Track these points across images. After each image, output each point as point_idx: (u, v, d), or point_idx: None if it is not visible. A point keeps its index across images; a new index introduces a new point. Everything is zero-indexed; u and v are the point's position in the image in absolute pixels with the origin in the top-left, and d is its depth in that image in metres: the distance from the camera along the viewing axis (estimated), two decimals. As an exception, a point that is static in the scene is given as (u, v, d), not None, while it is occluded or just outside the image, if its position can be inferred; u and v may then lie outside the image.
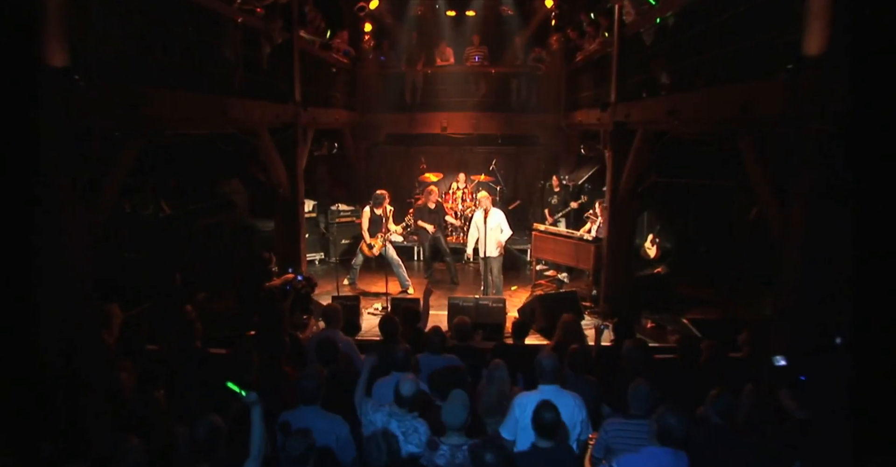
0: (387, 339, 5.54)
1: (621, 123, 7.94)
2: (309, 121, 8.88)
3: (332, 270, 11.26)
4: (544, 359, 4.39)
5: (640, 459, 3.64)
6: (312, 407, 4.03)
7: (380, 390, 4.72)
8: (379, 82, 12.66)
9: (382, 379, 4.77)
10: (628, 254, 8.61)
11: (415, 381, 4.14)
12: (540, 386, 4.39)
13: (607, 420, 4.25)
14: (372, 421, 4.09)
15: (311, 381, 4.04)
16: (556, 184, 11.18)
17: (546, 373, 4.38)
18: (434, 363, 5.07)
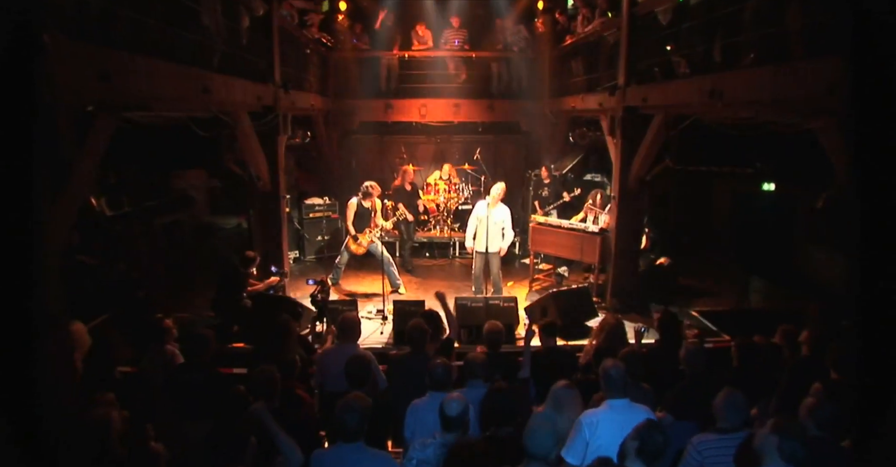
0: (415, 350, 4.84)
1: (633, 108, 7.42)
2: (289, 105, 8.03)
3: (308, 270, 10.48)
4: (612, 369, 3.80)
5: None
6: (355, 445, 3.31)
7: (415, 415, 4.04)
8: (353, 66, 11.81)
9: (417, 403, 4.10)
10: (637, 246, 8.15)
11: (462, 399, 3.50)
12: (608, 402, 3.80)
13: (697, 436, 3.69)
14: (425, 459, 3.40)
15: (354, 414, 3.31)
16: (546, 176, 10.64)
17: (616, 385, 3.79)
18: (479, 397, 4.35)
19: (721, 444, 3.60)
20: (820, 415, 3.51)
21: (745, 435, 3.61)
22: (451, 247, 11.09)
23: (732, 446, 3.59)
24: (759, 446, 3.23)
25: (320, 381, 4.91)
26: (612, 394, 3.79)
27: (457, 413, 3.40)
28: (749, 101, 5.01)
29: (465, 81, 12.04)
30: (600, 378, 3.88)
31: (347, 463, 3.29)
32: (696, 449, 3.62)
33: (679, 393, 4.42)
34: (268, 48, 7.36)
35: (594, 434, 3.71)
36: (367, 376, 4.18)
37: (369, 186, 8.72)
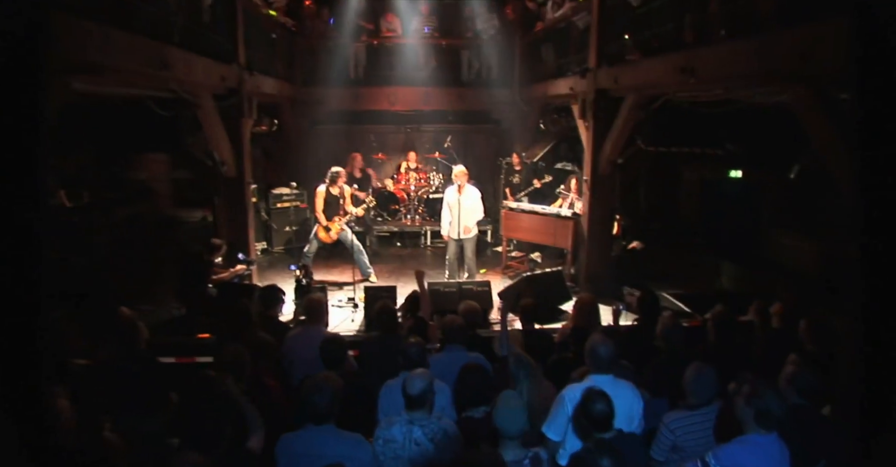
0: (386, 332, 4.70)
1: (604, 90, 7.38)
2: (253, 89, 7.80)
3: (276, 261, 10.25)
4: (599, 346, 3.72)
5: (745, 450, 3.06)
6: (326, 427, 3.17)
7: (389, 397, 3.92)
8: (320, 54, 11.58)
9: (390, 384, 3.97)
10: (610, 230, 8.12)
11: (424, 376, 3.38)
12: (592, 377, 3.73)
13: (667, 415, 3.65)
14: (390, 437, 3.28)
15: (324, 395, 3.16)
16: (518, 163, 10.57)
17: (602, 362, 3.72)
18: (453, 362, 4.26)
19: (693, 420, 3.56)
20: (800, 383, 3.49)
21: (717, 407, 3.58)
22: (422, 236, 10.96)
23: (704, 421, 3.56)
24: (740, 413, 3.19)
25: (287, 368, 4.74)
26: (596, 370, 3.72)
27: (419, 391, 3.26)
28: (721, 77, 4.98)
29: (435, 69, 11.90)
30: (586, 354, 3.80)
31: (317, 446, 3.14)
32: (668, 428, 3.57)
33: (656, 369, 4.39)
34: (231, 28, 7.12)
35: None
36: (342, 357, 4.04)
37: (336, 172, 8.53)
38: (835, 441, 3.42)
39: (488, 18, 11.76)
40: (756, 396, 3.09)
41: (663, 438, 3.61)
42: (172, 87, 5.69)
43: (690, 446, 3.51)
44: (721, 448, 3.14)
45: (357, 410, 3.91)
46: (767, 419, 3.06)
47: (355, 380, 4.03)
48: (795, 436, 3.19)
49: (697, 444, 3.46)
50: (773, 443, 3.07)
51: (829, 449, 3.39)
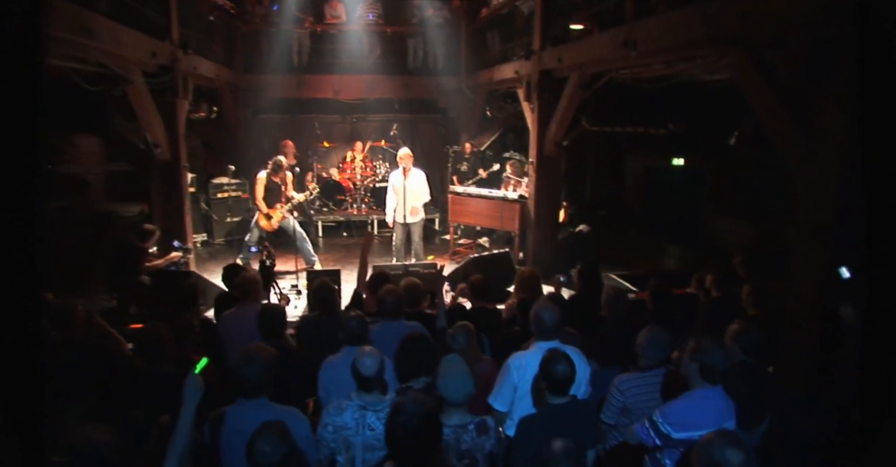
0: (326, 310, 4.53)
1: (549, 71, 7.39)
2: (189, 69, 7.48)
3: (218, 253, 9.90)
4: (544, 312, 3.66)
5: (691, 405, 3.04)
6: (258, 401, 2.96)
7: (330, 373, 3.75)
8: (262, 40, 11.25)
9: (331, 360, 3.81)
10: (556, 212, 8.14)
11: (375, 354, 3.21)
12: (537, 344, 3.66)
13: (618, 377, 3.61)
14: (342, 424, 3.06)
15: (255, 367, 2.94)
16: (468, 151, 10.53)
17: (547, 328, 3.65)
18: (392, 332, 4.13)
19: (643, 382, 3.54)
20: (744, 340, 3.51)
21: (665, 371, 3.57)
22: (368, 225, 10.78)
23: (653, 382, 3.54)
24: (685, 369, 3.18)
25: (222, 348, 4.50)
26: (542, 337, 3.65)
27: (373, 372, 3.06)
28: (663, 48, 5.01)
29: (381, 57, 11.74)
30: (531, 321, 3.73)
31: (249, 421, 2.84)
32: (617, 390, 3.55)
33: (602, 339, 4.36)
34: (164, 2, 6.79)
35: (523, 377, 3.57)
36: (281, 328, 3.85)
37: (280, 163, 8.28)
38: (779, 398, 3.45)
39: (434, 6, 11.66)
40: (700, 351, 3.08)
41: (613, 400, 3.58)
42: (97, 59, 5.36)
43: (640, 408, 3.48)
44: (667, 405, 3.12)
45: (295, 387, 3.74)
46: (711, 373, 3.05)
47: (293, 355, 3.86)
48: (740, 392, 3.19)
49: (647, 406, 3.43)
50: (718, 397, 3.06)
51: (774, 406, 3.42)
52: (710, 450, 2.44)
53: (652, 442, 3.12)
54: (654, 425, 3.08)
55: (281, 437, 2.44)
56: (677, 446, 3.05)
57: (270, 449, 2.39)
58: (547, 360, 3.12)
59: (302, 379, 3.85)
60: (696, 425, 2.93)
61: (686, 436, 2.96)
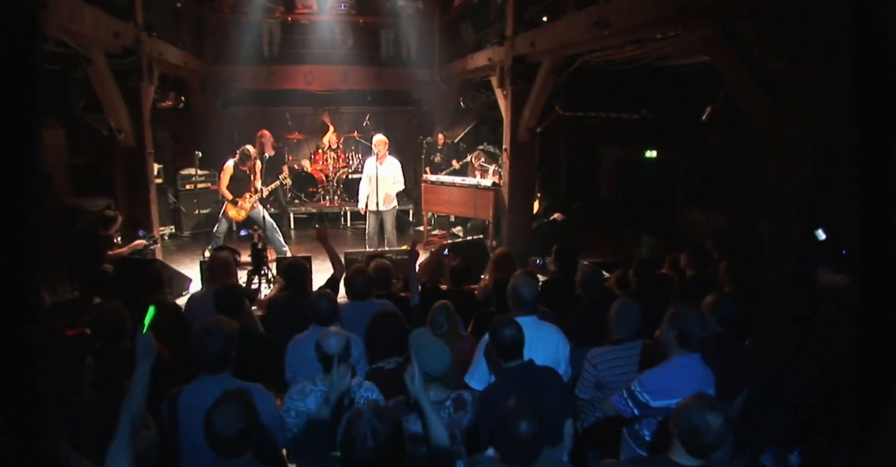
0: (295, 289, 4.40)
1: (522, 57, 7.33)
2: (154, 54, 7.26)
3: (186, 245, 9.66)
4: (521, 286, 3.59)
5: (669, 373, 2.99)
6: (220, 376, 2.81)
7: (297, 352, 3.63)
8: (231, 30, 11.02)
9: (298, 338, 3.69)
10: (530, 199, 8.09)
11: (341, 333, 3.08)
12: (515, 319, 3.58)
13: (591, 351, 3.55)
14: (306, 410, 2.89)
15: (216, 340, 2.81)
16: (441, 142, 10.44)
17: (525, 303, 3.58)
18: (362, 311, 4.02)
19: (615, 355, 3.49)
20: (720, 311, 3.47)
21: (640, 344, 3.51)
22: (341, 217, 10.63)
23: (627, 356, 3.49)
24: (662, 337, 3.12)
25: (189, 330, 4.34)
26: (520, 312, 3.57)
27: (338, 349, 2.89)
28: (635, 26, 4.98)
29: (353, 48, 11.60)
30: (508, 296, 3.66)
31: (209, 397, 2.66)
32: (590, 363, 3.49)
33: (577, 318, 4.30)
34: (126, -17, 6.59)
35: (499, 355, 3.48)
36: (237, 305, 3.70)
37: (247, 153, 8.07)
38: (757, 371, 3.41)
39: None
40: (677, 317, 3.03)
41: (586, 374, 3.52)
42: (56, 36, 5.14)
43: (614, 382, 3.43)
44: (645, 373, 3.07)
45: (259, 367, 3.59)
46: (689, 339, 3.00)
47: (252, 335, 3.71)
48: (717, 364, 3.14)
49: (621, 380, 3.37)
50: (695, 364, 3.02)
51: (752, 378, 3.38)
52: (688, 415, 2.38)
53: (630, 412, 3.06)
54: (632, 394, 3.02)
55: (242, 408, 2.28)
56: (656, 415, 3.00)
57: (230, 421, 2.22)
58: (494, 326, 3.06)
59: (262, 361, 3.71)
60: (674, 393, 2.87)
61: (664, 404, 2.91)
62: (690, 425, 2.36)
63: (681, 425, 2.40)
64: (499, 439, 2.28)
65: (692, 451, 2.41)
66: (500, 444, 2.27)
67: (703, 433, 2.34)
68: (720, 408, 2.39)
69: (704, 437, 2.34)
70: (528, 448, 2.23)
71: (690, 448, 2.40)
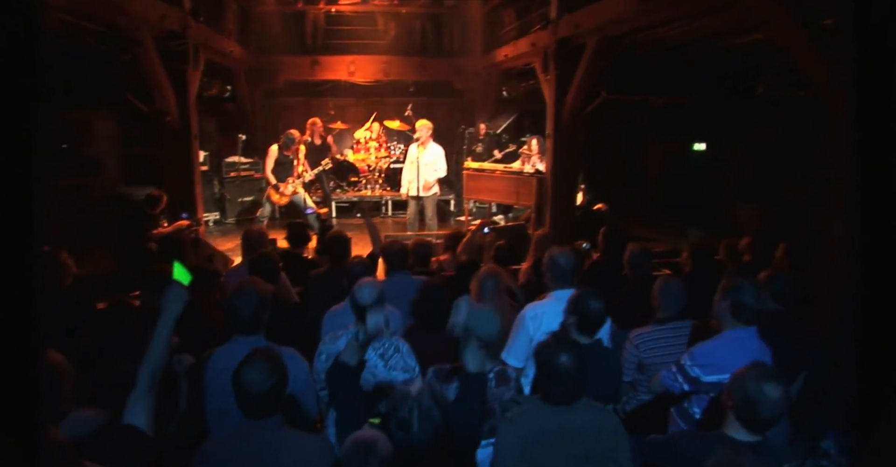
0: (335, 262, 4.36)
1: (566, 40, 7.17)
2: (200, 39, 7.36)
3: (229, 231, 9.79)
4: (560, 257, 3.46)
5: (722, 346, 2.82)
6: (254, 338, 2.76)
7: (333, 322, 3.58)
8: (276, 21, 11.14)
9: (335, 309, 3.64)
10: (574, 187, 7.91)
11: (374, 283, 3.03)
12: (554, 293, 3.46)
13: (633, 332, 3.40)
14: (336, 352, 2.85)
15: (249, 300, 2.77)
16: (483, 132, 10.35)
17: (563, 273, 3.45)
18: (398, 285, 3.95)
19: (659, 335, 3.33)
20: (775, 286, 3.29)
21: (688, 325, 3.34)
22: (382, 207, 10.62)
23: (672, 336, 3.32)
24: (716, 310, 2.96)
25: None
26: (559, 284, 3.45)
27: (371, 299, 2.86)
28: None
29: (396, 38, 11.57)
30: (545, 269, 3.54)
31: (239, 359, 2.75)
32: (632, 344, 3.34)
33: (623, 297, 4.13)
34: (173, -32, 6.68)
35: (538, 327, 3.37)
36: (274, 273, 3.68)
37: (292, 138, 8.15)
38: (815, 353, 3.21)
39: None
40: (730, 288, 2.87)
41: (628, 356, 3.38)
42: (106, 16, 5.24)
43: (656, 363, 3.27)
44: (696, 346, 2.91)
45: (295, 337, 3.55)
46: (743, 310, 2.83)
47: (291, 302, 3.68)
48: (773, 342, 2.96)
49: (664, 362, 3.21)
50: (751, 338, 2.84)
51: (811, 360, 3.18)
52: (744, 385, 2.23)
53: (679, 388, 2.91)
54: (682, 369, 2.86)
55: (273, 366, 2.21)
56: (707, 391, 2.83)
57: (259, 378, 2.15)
58: (580, 295, 2.92)
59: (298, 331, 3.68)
60: (728, 367, 2.68)
61: (717, 379, 2.74)
62: (746, 396, 2.21)
63: (735, 396, 2.25)
64: (541, 377, 2.20)
65: (748, 425, 2.25)
66: (543, 381, 2.20)
67: (759, 405, 2.18)
68: (779, 378, 2.22)
69: (761, 409, 2.19)
70: (572, 381, 2.19)
71: (746, 421, 2.25)
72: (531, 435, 2.31)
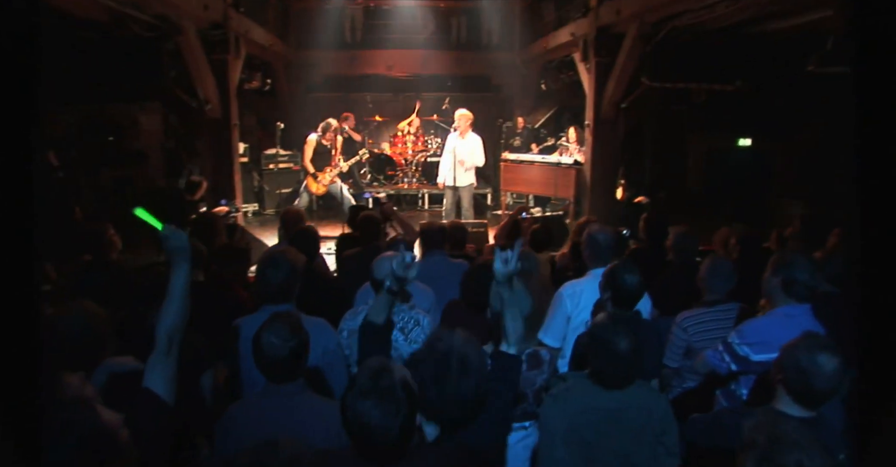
0: (367, 241, 4.33)
1: (605, 28, 7.04)
2: (241, 31, 7.46)
3: (267, 222, 9.90)
4: (597, 233, 3.36)
5: (773, 324, 2.67)
6: (283, 307, 2.71)
7: (364, 299, 3.54)
8: (315, 16, 11.24)
9: (366, 286, 3.59)
10: (613, 178, 7.75)
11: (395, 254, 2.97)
12: (592, 271, 3.35)
13: (679, 315, 3.25)
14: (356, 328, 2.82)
15: (280, 269, 2.74)
16: (521, 125, 10.26)
17: (601, 251, 3.34)
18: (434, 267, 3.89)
19: (708, 317, 3.17)
20: (830, 268, 3.12)
21: (736, 307, 3.19)
22: (419, 200, 10.61)
23: (720, 318, 3.15)
24: (767, 287, 2.81)
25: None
26: (597, 262, 3.34)
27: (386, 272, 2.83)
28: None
29: (433, 32, 11.57)
30: (584, 247, 3.44)
31: None
32: (679, 327, 3.19)
33: (667, 282, 3.98)
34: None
35: (576, 305, 3.28)
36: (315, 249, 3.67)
37: (328, 123, 8.22)
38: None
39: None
40: (783, 263, 2.72)
41: (675, 340, 3.23)
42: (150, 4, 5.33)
43: (705, 347, 3.11)
44: (745, 324, 2.76)
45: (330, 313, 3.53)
46: (795, 286, 2.68)
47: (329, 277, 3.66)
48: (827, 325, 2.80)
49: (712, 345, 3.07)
50: (805, 315, 2.68)
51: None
52: (796, 355, 2.09)
53: (726, 367, 2.76)
54: (729, 347, 2.72)
55: (291, 329, 2.16)
56: (756, 371, 2.69)
57: (278, 341, 2.10)
58: (614, 268, 2.82)
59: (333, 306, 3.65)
60: (778, 346, 2.54)
61: (766, 359, 2.58)
62: (798, 367, 2.07)
63: (787, 368, 2.12)
64: (594, 357, 2.12)
65: (800, 399, 2.11)
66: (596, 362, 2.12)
67: (813, 376, 2.04)
68: (834, 349, 2.08)
69: (815, 381, 2.05)
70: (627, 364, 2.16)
71: (798, 394, 2.11)
72: (579, 414, 2.24)
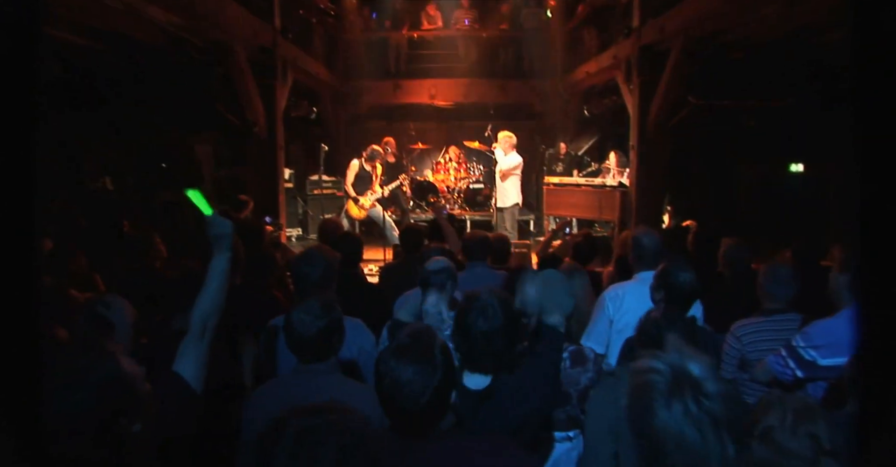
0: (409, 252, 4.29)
1: (648, 47, 6.97)
2: (289, 57, 7.67)
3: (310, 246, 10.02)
4: (643, 236, 3.25)
5: (841, 325, 2.48)
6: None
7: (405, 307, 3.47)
8: (360, 47, 11.54)
9: (407, 294, 3.54)
10: (660, 200, 7.56)
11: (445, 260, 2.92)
12: (637, 275, 3.22)
13: (735, 324, 3.07)
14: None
15: (316, 266, 2.75)
16: (564, 151, 10.22)
17: (647, 254, 3.22)
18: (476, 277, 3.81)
19: (765, 327, 2.97)
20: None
21: (798, 318, 2.98)
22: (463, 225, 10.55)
23: (779, 329, 2.94)
24: (833, 286, 2.63)
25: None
26: (642, 266, 3.22)
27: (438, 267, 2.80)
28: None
29: (476, 62, 11.71)
30: (629, 251, 3.32)
31: None
32: (733, 336, 3.01)
33: (719, 297, 3.78)
34: (267, -12, 7.04)
35: (619, 308, 3.15)
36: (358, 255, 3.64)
37: (376, 151, 8.32)
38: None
39: (529, 7, 11.56)
40: (851, 261, 2.54)
41: (730, 350, 3.04)
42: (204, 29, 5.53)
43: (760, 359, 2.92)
44: (811, 325, 2.57)
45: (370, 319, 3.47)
46: None
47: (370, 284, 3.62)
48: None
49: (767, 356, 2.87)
50: (873, 315, 2.48)
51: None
52: None
53: (790, 375, 2.57)
54: (793, 351, 2.54)
55: (323, 309, 2.13)
56: (824, 376, 2.49)
57: (309, 318, 2.08)
58: (667, 267, 2.69)
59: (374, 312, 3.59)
60: (850, 348, 2.37)
61: (836, 363, 2.40)
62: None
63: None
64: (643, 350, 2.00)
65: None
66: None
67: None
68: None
69: None
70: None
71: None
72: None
